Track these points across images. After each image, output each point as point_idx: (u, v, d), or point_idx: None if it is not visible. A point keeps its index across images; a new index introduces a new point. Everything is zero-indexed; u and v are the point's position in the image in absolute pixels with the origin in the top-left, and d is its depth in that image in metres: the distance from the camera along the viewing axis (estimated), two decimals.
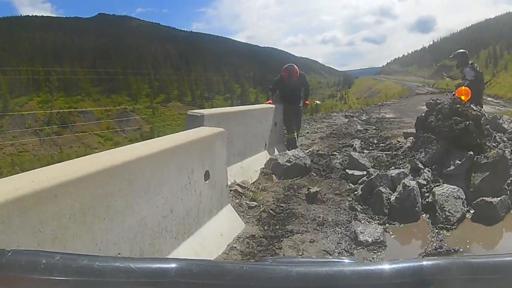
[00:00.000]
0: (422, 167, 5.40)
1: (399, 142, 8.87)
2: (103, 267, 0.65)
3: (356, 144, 9.49)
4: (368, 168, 6.00)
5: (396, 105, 26.04)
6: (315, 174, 6.34)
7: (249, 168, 5.93)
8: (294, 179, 6.06)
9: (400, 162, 6.21)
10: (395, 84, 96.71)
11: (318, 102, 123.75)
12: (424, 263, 0.65)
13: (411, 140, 7.14)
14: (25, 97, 77.37)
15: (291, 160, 6.24)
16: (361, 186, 5.29)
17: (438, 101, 6.04)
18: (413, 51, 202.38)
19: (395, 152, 7.11)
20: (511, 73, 55.53)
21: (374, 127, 13.35)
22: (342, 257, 1.44)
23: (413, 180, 5.03)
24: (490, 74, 66.22)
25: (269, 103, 7.97)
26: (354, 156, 6.39)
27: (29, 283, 0.65)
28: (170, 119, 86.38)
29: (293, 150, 6.85)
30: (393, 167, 5.94)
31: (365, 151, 8.58)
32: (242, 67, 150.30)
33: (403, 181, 4.81)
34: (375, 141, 10.09)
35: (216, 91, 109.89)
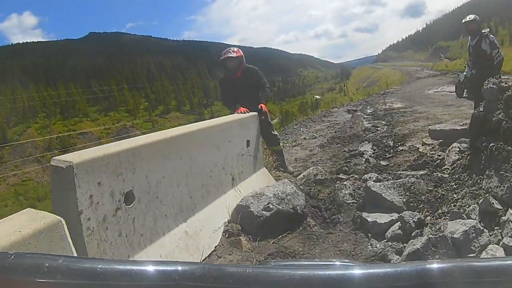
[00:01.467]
0: (500, 207, 3.00)
1: (427, 146, 6.48)
2: (106, 270, 0.65)
3: (367, 152, 7.21)
4: (402, 212, 3.57)
5: (400, 92, 23.65)
6: (313, 222, 3.92)
7: (202, 230, 3.50)
8: (280, 237, 3.67)
9: (454, 195, 3.70)
10: (393, 70, 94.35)
11: (317, 97, 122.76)
12: (428, 266, 0.64)
13: (458, 149, 4.69)
14: (22, 125, 77.72)
15: (271, 205, 3.75)
16: (398, 256, 2.92)
17: (504, 83, 3.53)
18: (407, 36, 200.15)
19: (439, 173, 4.59)
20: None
21: (384, 122, 11.07)
22: (345, 260, 0.97)
23: (491, 238, 2.66)
24: None
25: (240, 112, 5.42)
26: (374, 189, 3.93)
27: (32, 286, 0.65)
28: None
29: (276, 184, 4.37)
30: (444, 207, 3.52)
31: (381, 161, 6.27)
32: None
33: (484, 253, 2.40)
34: (391, 143, 7.84)
35: (214, 97, 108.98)
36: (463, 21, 7.31)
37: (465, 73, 7.82)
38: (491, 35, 7.01)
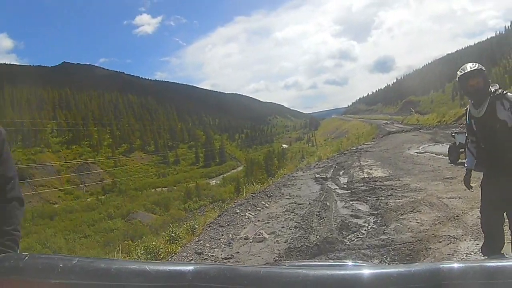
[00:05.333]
0: None
1: None
2: (120, 271, 0.66)
3: None
4: None
5: (376, 151, 20.50)
6: None
7: None
8: None
9: None
10: (362, 123, 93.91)
11: (285, 146, 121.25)
12: (441, 266, 0.65)
13: None
14: None
15: None
16: None
17: None
18: (377, 89, 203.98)
19: None
20: None
21: (368, 208, 7.66)
22: (359, 261, 1.28)
23: None
24: (457, 106, 63.82)
25: None
26: None
27: (47, 286, 0.66)
28: (132, 170, 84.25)
29: None
30: None
31: None
32: (207, 114, 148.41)
33: None
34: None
35: (180, 139, 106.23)
36: (459, 73, 3.74)
37: (466, 164, 4.16)
38: (510, 93, 3.68)
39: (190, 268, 0.65)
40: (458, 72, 3.74)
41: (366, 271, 0.66)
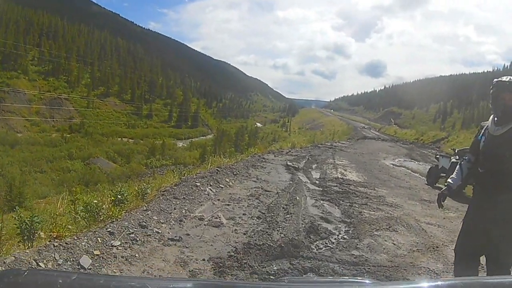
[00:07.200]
0: None
1: None
2: (119, 287, 0.66)
3: None
4: None
5: (351, 153, 19.93)
6: None
7: None
8: None
9: None
10: (340, 121, 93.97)
11: (259, 125, 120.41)
12: (440, 283, 0.66)
13: None
14: None
15: None
16: None
17: None
18: (362, 92, 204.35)
19: None
20: (468, 130, 52.41)
21: (339, 213, 6.97)
22: (358, 278, 1.29)
23: None
24: (437, 128, 64.27)
25: None
26: None
27: None
28: (104, 115, 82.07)
29: None
30: None
31: None
32: (190, 75, 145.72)
33: None
34: None
35: (157, 94, 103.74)
36: (495, 81, 3.18)
37: (450, 180, 3.41)
38: None
39: (189, 284, 0.63)
40: (495, 80, 3.15)
41: None
